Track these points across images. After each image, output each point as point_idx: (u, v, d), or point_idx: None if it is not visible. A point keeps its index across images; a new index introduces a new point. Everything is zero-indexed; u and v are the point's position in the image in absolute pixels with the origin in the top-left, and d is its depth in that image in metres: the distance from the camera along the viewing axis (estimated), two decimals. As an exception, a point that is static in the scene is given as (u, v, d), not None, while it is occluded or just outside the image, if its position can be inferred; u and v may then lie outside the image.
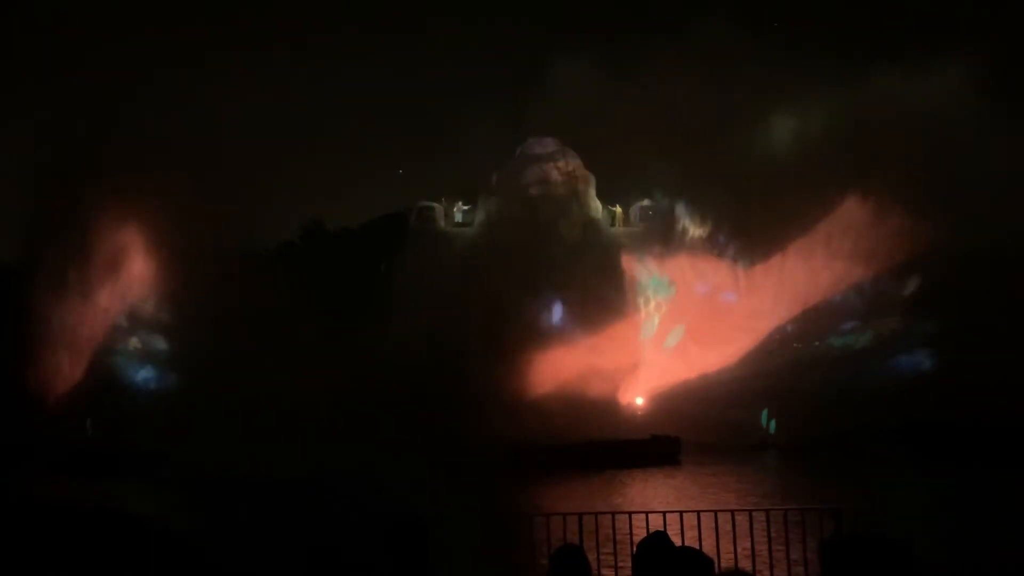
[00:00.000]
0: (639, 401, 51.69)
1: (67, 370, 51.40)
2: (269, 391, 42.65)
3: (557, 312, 52.35)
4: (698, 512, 9.06)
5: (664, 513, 8.90)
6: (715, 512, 9.14)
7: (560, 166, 56.79)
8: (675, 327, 54.05)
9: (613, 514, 9.41)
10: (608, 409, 47.89)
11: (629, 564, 5.16)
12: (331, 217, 62.51)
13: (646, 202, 58.72)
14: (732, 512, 9.35)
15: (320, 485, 28.34)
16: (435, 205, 59.71)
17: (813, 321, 52.36)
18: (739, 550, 9.28)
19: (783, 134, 52.77)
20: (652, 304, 54.72)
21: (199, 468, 32.89)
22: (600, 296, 51.51)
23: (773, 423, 48.61)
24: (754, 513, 9.26)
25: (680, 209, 55.47)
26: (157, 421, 43.33)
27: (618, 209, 59.31)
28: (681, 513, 8.98)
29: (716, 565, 4.86)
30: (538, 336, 50.46)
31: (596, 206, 57.81)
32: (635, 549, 5.07)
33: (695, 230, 54.92)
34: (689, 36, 52.11)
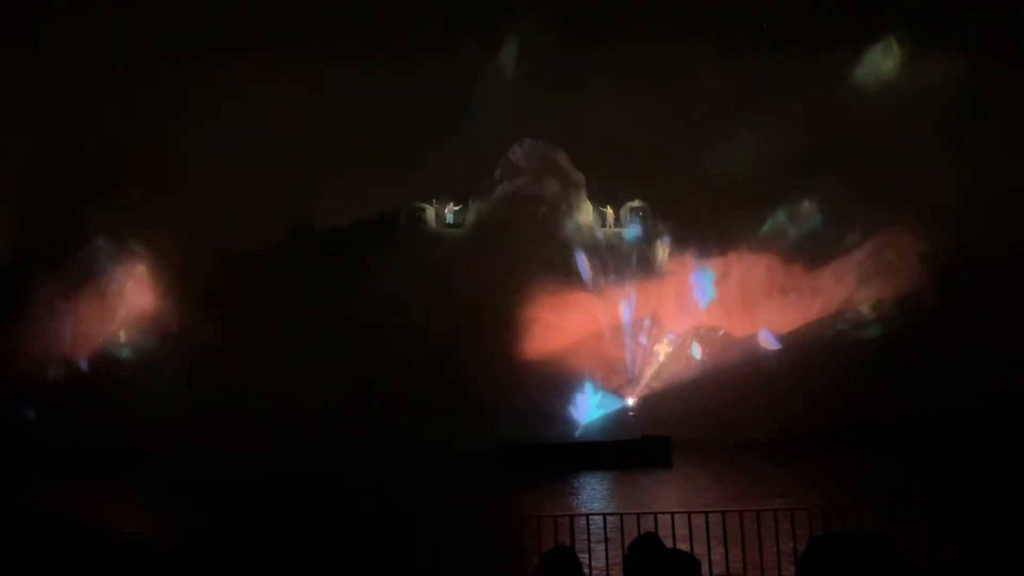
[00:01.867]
0: (630, 402, 51.84)
1: (59, 370, 51.23)
2: (260, 391, 42.59)
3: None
4: (688, 513, 9.10)
5: (655, 514, 8.93)
6: (706, 513, 9.19)
7: (550, 167, 56.92)
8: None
9: (604, 515, 9.44)
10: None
11: (620, 565, 5.19)
12: (320, 217, 62.23)
13: (637, 203, 58.91)
14: (723, 513, 9.39)
15: (312, 485, 28.32)
16: (426, 206, 59.66)
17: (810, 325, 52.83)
18: (730, 550, 9.32)
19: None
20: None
21: (190, 469, 32.79)
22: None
23: None
24: (744, 513, 9.30)
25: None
26: (148, 422, 43.18)
27: (609, 210, 59.47)
28: (672, 514, 9.01)
29: (708, 566, 4.88)
30: (528, 336, 50.56)
31: (587, 207, 57.95)
32: (626, 550, 5.10)
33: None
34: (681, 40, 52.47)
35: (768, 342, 52.32)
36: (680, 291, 54.57)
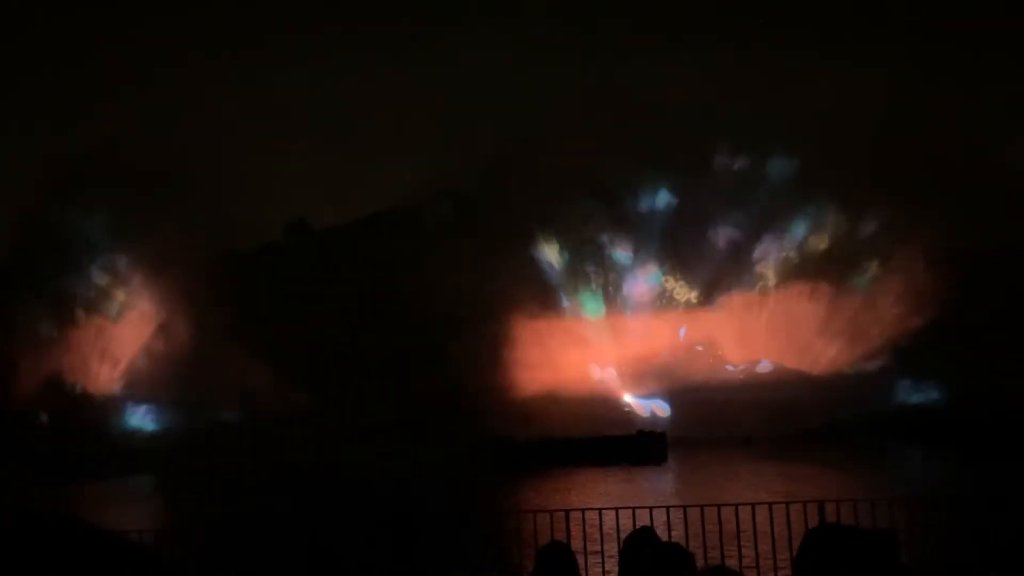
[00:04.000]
0: (628, 399, 51.93)
1: (54, 376, 51.18)
2: (254, 391, 42.60)
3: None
4: (684, 507, 9.11)
5: (650, 508, 8.92)
6: (701, 507, 9.19)
7: (549, 167, 56.91)
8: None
9: (600, 510, 9.44)
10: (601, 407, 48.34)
11: (616, 560, 5.20)
12: (317, 216, 62.16)
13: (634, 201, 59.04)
14: (718, 507, 9.39)
15: (311, 484, 28.34)
16: (420, 205, 59.52)
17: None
18: (724, 544, 9.34)
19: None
20: None
21: (190, 470, 32.85)
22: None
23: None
24: (739, 507, 9.30)
25: None
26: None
27: (606, 209, 59.44)
28: (668, 508, 9.01)
29: (703, 559, 4.89)
30: (527, 334, 50.63)
31: (585, 205, 58.04)
32: (621, 545, 5.11)
33: None
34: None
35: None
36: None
